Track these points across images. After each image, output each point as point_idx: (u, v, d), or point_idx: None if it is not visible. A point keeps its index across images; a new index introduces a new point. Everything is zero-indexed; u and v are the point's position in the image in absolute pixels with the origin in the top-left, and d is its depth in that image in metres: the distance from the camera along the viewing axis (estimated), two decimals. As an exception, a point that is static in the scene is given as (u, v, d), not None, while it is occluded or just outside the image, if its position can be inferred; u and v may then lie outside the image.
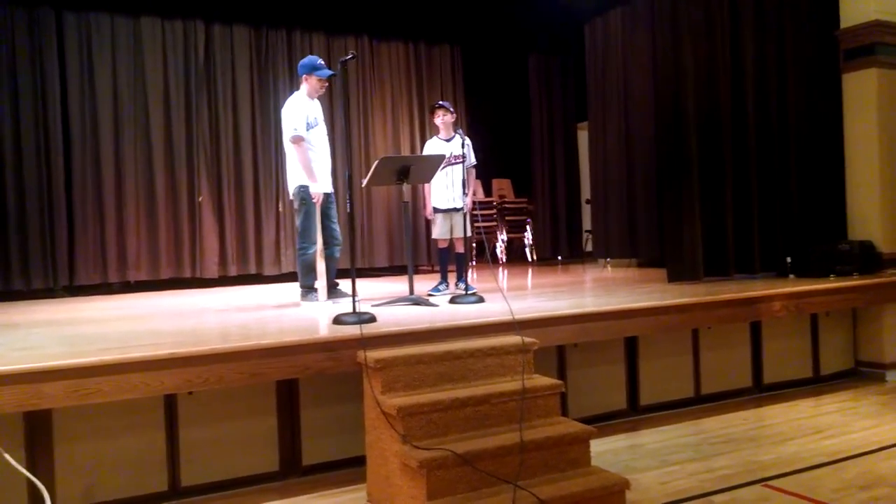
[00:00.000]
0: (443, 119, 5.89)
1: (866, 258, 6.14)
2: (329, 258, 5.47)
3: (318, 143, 5.37)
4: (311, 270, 5.34)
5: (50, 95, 7.49)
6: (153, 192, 7.97)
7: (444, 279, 6.00)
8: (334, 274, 5.58)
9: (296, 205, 5.36)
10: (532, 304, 4.95)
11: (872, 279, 5.87)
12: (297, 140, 5.23)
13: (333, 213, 5.51)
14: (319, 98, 5.47)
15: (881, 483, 3.68)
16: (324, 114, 5.59)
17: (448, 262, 6.10)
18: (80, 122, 7.68)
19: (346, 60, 4.41)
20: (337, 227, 5.50)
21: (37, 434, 3.57)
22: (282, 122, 5.42)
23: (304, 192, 5.27)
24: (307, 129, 5.26)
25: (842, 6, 6.54)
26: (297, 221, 5.37)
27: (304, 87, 5.37)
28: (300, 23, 8.83)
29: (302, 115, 5.25)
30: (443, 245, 6.06)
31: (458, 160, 5.72)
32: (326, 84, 5.41)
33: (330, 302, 5.29)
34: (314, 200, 5.28)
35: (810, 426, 4.74)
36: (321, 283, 5.33)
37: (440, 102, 6.03)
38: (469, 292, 5.25)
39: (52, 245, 7.43)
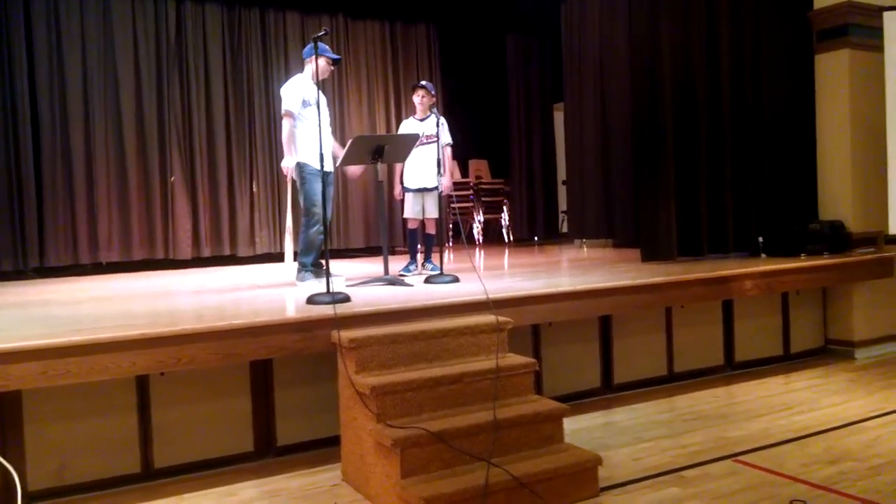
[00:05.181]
0: (421, 100, 5.87)
1: (837, 238, 6.22)
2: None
3: (313, 122, 5.26)
4: (308, 248, 5.28)
5: (17, 74, 7.33)
6: (124, 173, 7.86)
7: (414, 259, 6.01)
8: (320, 254, 5.53)
9: (297, 182, 5.30)
10: (507, 283, 4.96)
11: (842, 258, 5.96)
12: (286, 115, 5.22)
13: (329, 193, 5.34)
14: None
15: (847, 457, 3.76)
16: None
17: (417, 242, 6.10)
18: (48, 102, 7.53)
19: (318, 37, 4.37)
20: (328, 209, 5.38)
21: (6, 416, 3.53)
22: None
23: (300, 167, 5.22)
24: (304, 107, 5.20)
25: (815, -13, 6.59)
26: (300, 198, 5.32)
27: (307, 69, 5.33)
28: (273, 1, 8.71)
29: (296, 92, 5.22)
30: (412, 225, 6.04)
31: (431, 140, 5.70)
32: (332, 68, 5.38)
33: (316, 281, 5.22)
34: (284, 174, 5.29)
35: (780, 403, 4.82)
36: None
37: (422, 83, 5.98)
38: (436, 273, 5.26)
39: (21, 226, 7.31)
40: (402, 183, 5.93)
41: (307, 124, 5.19)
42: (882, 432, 4.14)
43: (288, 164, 5.20)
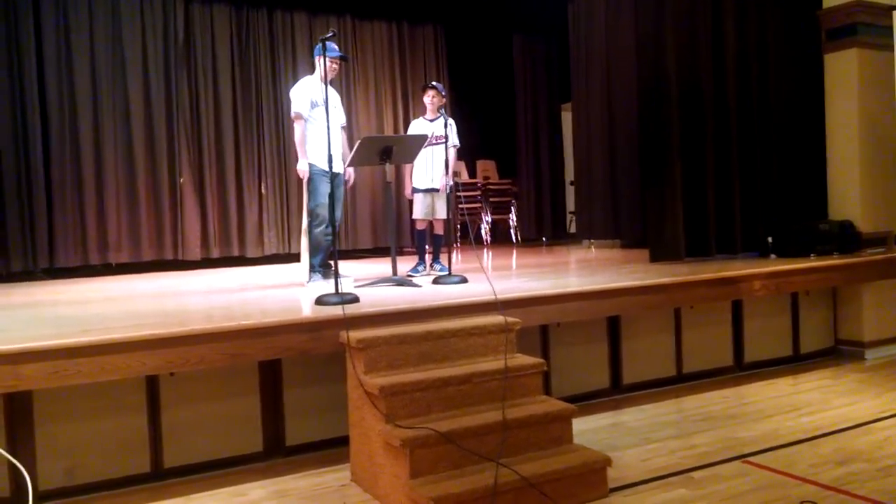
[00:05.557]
0: (431, 100, 5.89)
1: (846, 238, 6.19)
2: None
3: (324, 123, 5.24)
4: (315, 249, 5.29)
5: (27, 75, 7.36)
6: (133, 173, 7.89)
7: (422, 260, 6.01)
8: (328, 255, 5.54)
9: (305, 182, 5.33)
10: (515, 284, 4.96)
11: (852, 258, 5.93)
12: (296, 117, 5.27)
13: (338, 194, 5.35)
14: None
15: (857, 458, 3.74)
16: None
17: (425, 242, 6.10)
18: (57, 103, 7.57)
19: (326, 38, 4.38)
20: (337, 210, 5.38)
21: (17, 416, 3.55)
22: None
23: (311, 169, 5.24)
24: (312, 108, 5.23)
25: (824, -14, 6.56)
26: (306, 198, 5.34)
27: (317, 70, 5.35)
28: (281, 2, 8.73)
29: (304, 94, 5.25)
30: (421, 226, 6.05)
31: (440, 141, 5.71)
32: (336, 66, 5.33)
33: (324, 282, 5.23)
34: (301, 178, 5.29)
35: (789, 404, 4.80)
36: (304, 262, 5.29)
37: (433, 83, 6.03)
38: (444, 273, 5.26)
39: (31, 227, 7.34)
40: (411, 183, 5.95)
41: (316, 125, 5.21)
42: (892, 433, 4.12)
43: (303, 168, 5.22)
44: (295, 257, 5.59)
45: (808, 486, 3.39)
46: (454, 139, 5.86)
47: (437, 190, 5.82)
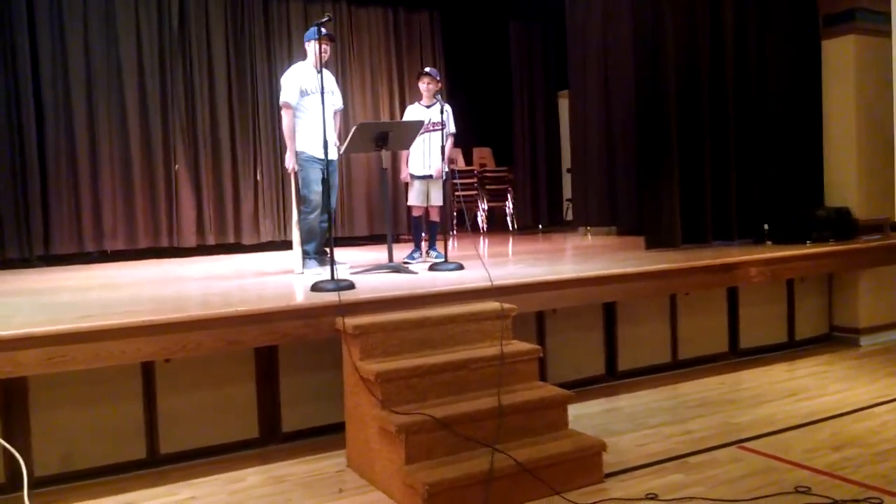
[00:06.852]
0: (427, 86, 5.88)
1: (843, 224, 6.19)
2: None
3: (315, 111, 5.15)
4: (310, 236, 5.28)
5: (20, 63, 7.30)
6: (129, 161, 7.85)
7: (418, 247, 6.01)
8: (324, 241, 5.53)
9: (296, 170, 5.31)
10: (511, 270, 4.96)
11: (848, 245, 5.93)
12: (284, 106, 5.24)
13: (332, 181, 5.31)
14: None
15: (852, 444, 3.75)
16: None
17: (422, 229, 6.10)
18: (52, 91, 7.52)
19: (321, 23, 4.35)
20: (332, 197, 5.36)
21: (13, 402, 3.54)
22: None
23: (300, 156, 5.22)
24: (302, 97, 5.21)
25: (822, -28, 6.54)
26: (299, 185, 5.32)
27: (309, 56, 5.32)
28: (277, -12, 8.68)
29: (294, 82, 5.22)
30: (417, 213, 6.04)
31: (436, 127, 5.69)
32: (326, 47, 5.25)
33: (320, 269, 5.22)
34: (289, 172, 5.28)
35: (785, 390, 4.81)
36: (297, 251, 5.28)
37: (427, 70, 6.00)
38: (440, 260, 5.26)
39: (26, 214, 7.31)
40: (407, 168, 5.95)
41: (308, 114, 5.19)
42: (887, 419, 4.14)
43: (290, 163, 5.19)
44: (291, 245, 5.58)
45: (803, 472, 3.40)
46: (451, 127, 5.85)
47: (433, 177, 5.81)
